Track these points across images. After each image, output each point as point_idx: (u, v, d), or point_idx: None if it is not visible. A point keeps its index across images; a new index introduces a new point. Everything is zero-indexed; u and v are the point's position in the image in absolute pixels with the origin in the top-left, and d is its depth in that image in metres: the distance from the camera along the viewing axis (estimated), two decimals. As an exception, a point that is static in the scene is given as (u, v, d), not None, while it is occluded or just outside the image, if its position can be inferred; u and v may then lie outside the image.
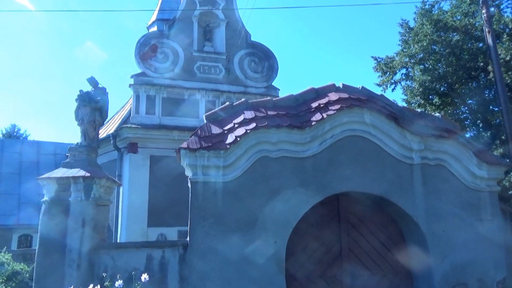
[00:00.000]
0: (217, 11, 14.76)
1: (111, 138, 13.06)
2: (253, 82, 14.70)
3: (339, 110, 6.32)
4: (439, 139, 6.64)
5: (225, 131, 6.16)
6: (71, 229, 6.00)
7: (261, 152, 6.16)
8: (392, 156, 6.54)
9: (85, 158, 6.60)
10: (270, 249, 5.89)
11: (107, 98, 7.10)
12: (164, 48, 13.92)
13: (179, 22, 14.40)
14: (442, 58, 17.22)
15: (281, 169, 6.17)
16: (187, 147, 5.90)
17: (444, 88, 17.79)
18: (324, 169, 6.29)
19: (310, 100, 6.65)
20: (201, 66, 14.22)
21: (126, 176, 12.68)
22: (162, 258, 5.96)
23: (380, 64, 18.90)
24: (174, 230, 12.01)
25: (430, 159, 6.64)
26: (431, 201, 6.50)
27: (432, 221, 6.42)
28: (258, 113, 6.28)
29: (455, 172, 6.69)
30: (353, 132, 6.50)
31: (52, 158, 17.19)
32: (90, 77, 7.15)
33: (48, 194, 6.25)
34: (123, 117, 14.19)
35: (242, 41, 14.84)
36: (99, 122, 6.98)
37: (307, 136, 6.25)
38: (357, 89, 6.83)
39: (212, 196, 5.95)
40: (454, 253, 6.37)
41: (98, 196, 6.34)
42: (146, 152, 12.79)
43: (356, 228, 6.60)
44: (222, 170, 6.02)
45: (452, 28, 16.95)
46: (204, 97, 13.89)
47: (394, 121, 6.53)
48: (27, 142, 21.66)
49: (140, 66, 13.56)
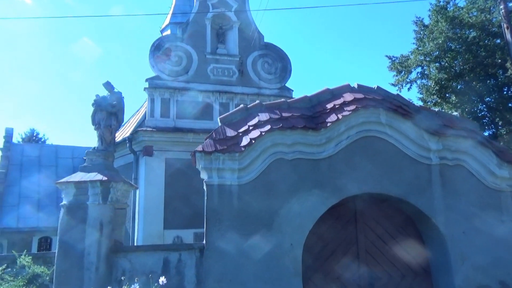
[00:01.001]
0: (230, 13, 14.79)
1: (127, 141, 13.21)
2: (266, 83, 14.68)
3: (355, 111, 6.25)
4: (458, 139, 6.51)
5: (239, 134, 6.16)
6: (89, 233, 6.09)
7: (276, 154, 6.14)
8: (410, 156, 6.44)
9: (102, 162, 6.70)
10: (286, 251, 5.87)
11: (123, 102, 7.19)
12: (177, 51, 14.01)
13: (192, 25, 14.48)
14: (458, 55, 16.93)
15: (297, 171, 6.14)
16: (202, 150, 5.92)
17: (461, 86, 17.47)
18: (340, 170, 6.24)
19: (325, 101, 6.60)
20: (215, 68, 14.27)
21: (142, 179, 12.80)
22: (179, 261, 6.00)
23: (395, 63, 18.67)
24: (190, 232, 12.07)
25: (448, 159, 6.52)
26: (450, 202, 6.37)
27: (452, 222, 6.30)
28: (273, 115, 6.26)
29: (475, 172, 6.55)
30: (369, 133, 6.42)
31: (70, 161, 17.48)
32: (106, 81, 7.25)
33: (66, 198, 6.35)
34: (139, 120, 14.33)
35: (255, 43, 14.83)
36: (115, 126, 7.07)
37: (322, 138, 6.21)
38: (372, 89, 6.76)
39: (228, 199, 5.95)
40: (475, 255, 6.23)
41: (115, 199, 6.42)
42: (161, 155, 12.89)
43: (373, 229, 6.52)
44: (237, 172, 6.02)
45: (468, 25, 16.65)
46: (218, 99, 13.92)
47: (411, 121, 6.43)
48: (45, 146, 22.08)
49: (154, 69, 13.68)
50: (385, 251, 6.46)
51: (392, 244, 6.50)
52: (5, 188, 15.72)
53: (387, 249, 6.46)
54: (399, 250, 6.49)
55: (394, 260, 6.44)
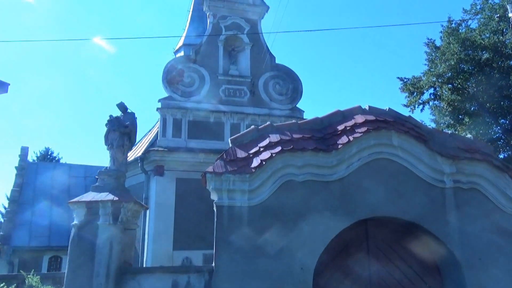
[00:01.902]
0: (242, 35, 15.04)
1: (139, 161, 13.31)
2: (277, 104, 14.75)
3: (366, 133, 6.21)
4: (472, 162, 6.40)
5: (250, 155, 6.15)
6: (99, 253, 6.07)
7: (286, 175, 6.10)
8: (423, 179, 6.34)
9: (114, 182, 6.73)
10: (296, 276, 5.75)
11: (136, 123, 7.28)
12: (190, 72, 14.23)
13: (205, 47, 14.74)
14: (471, 77, 16.83)
15: (307, 193, 6.08)
16: (213, 171, 5.92)
17: (475, 107, 17.30)
18: (351, 193, 6.16)
19: (336, 122, 6.58)
20: (226, 89, 14.42)
21: (153, 199, 12.82)
22: (188, 284, 5.93)
23: (407, 85, 18.62)
24: (200, 253, 11.95)
25: (463, 182, 6.38)
26: (465, 227, 6.21)
27: (467, 248, 6.12)
28: (284, 136, 6.25)
29: (491, 197, 6.39)
30: (381, 155, 6.36)
31: (83, 180, 17.65)
32: (120, 102, 7.37)
33: (77, 217, 6.38)
34: (151, 140, 14.48)
35: (266, 64, 15.00)
36: (127, 146, 7.14)
37: (333, 160, 6.16)
38: (384, 110, 6.72)
39: (238, 220, 5.90)
40: (492, 283, 6.01)
41: (125, 220, 6.42)
42: (172, 175, 12.93)
43: (386, 255, 6.36)
44: (248, 194, 5.99)
45: (480, 47, 16.60)
46: (229, 120, 14.01)
47: (424, 143, 6.35)
48: (59, 165, 22.37)
49: (167, 90, 13.88)
50: (399, 278, 6.26)
51: (406, 270, 6.30)
52: (18, 207, 15.89)
53: (401, 276, 6.27)
54: (414, 277, 6.29)
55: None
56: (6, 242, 14.51)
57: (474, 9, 18.31)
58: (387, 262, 6.32)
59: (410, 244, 6.44)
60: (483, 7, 17.93)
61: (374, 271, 6.24)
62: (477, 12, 18.13)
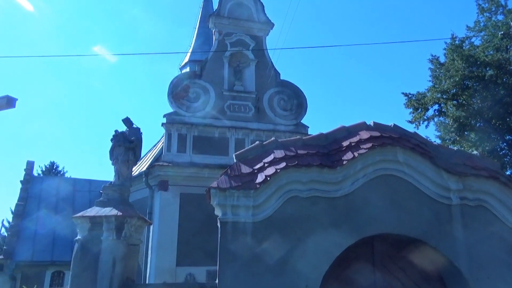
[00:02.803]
0: (248, 51, 15.20)
1: (143, 175, 13.33)
2: (282, 120, 14.80)
3: (371, 149, 6.19)
4: (479, 179, 6.34)
5: (255, 171, 6.14)
6: (102, 269, 6.04)
7: (291, 191, 6.07)
8: (429, 196, 6.28)
9: (118, 197, 6.74)
10: (301, 293, 5.65)
11: (141, 138, 7.32)
12: (196, 88, 14.36)
13: (210, 63, 14.90)
14: (476, 93, 16.83)
15: (312, 209, 6.03)
16: (217, 186, 5.90)
17: (480, 123, 17.25)
18: (357, 209, 6.10)
19: (341, 138, 6.57)
20: (231, 104, 14.51)
21: (157, 214, 12.78)
22: (191, 301, 5.84)
23: (412, 101, 18.64)
24: (203, 269, 11.84)
25: (469, 199, 6.32)
26: (472, 244, 6.11)
27: (475, 266, 6.01)
28: (288, 152, 6.25)
29: (498, 214, 6.31)
30: (386, 171, 6.32)
31: (87, 195, 17.67)
32: (126, 117, 7.44)
33: (81, 232, 6.37)
34: (155, 155, 14.53)
35: (271, 80, 15.11)
36: (132, 161, 7.17)
37: (338, 176, 6.13)
38: (389, 126, 6.71)
39: (242, 237, 5.85)
40: (502, 303, 5.88)
41: (129, 235, 6.40)
42: (176, 190, 12.91)
43: (392, 272, 6.26)
44: (252, 210, 5.95)
45: (484, 63, 16.65)
46: (234, 135, 14.06)
47: (429, 160, 6.31)
48: (64, 179, 22.45)
49: (172, 105, 13.99)
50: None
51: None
52: (22, 221, 15.89)
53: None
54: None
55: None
56: (9, 257, 14.46)
57: (477, 26, 18.45)
58: (393, 280, 6.22)
59: (416, 261, 6.34)
60: (486, 24, 18.05)
61: (380, 287, 6.13)
62: (481, 29, 18.25)
